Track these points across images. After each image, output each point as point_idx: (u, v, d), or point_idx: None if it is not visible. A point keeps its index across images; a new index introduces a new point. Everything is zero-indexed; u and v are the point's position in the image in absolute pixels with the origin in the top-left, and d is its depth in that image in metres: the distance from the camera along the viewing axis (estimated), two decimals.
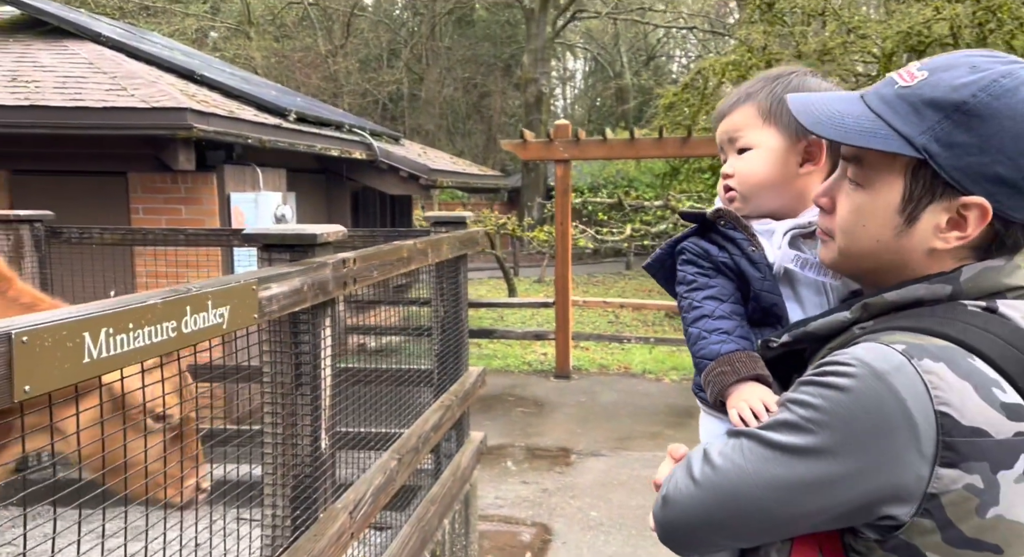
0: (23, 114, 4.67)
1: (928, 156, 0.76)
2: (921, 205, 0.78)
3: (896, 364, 0.72)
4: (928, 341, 0.74)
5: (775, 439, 0.76)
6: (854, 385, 0.72)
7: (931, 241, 0.79)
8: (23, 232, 3.37)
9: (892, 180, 0.79)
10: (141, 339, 1.11)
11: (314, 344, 1.92)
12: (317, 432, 1.94)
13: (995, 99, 0.74)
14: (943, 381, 0.71)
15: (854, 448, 0.72)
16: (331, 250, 2.04)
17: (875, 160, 0.80)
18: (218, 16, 22.78)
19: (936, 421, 0.70)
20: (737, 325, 1.05)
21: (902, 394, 0.71)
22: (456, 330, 3.51)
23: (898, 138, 0.77)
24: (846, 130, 0.80)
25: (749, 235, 1.10)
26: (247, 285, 1.47)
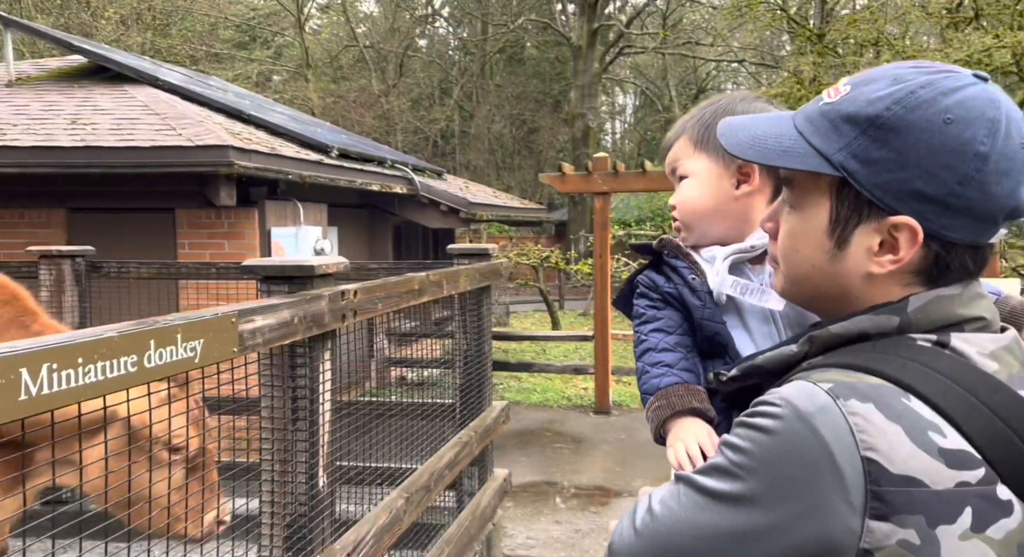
0: (79, 154, 4.92)
1: (847, 174, 0.72)
2: (849, 226, 0.73)
3: (821, 405, 0.66)
4: (860, 379, 0.67)
5: (706, 485, 0.70)
6: (778, 427, 0.66)
7: (866, 265, 0.73)
8: (64, 267, 3.50)
9: (819, 201, 0.75)
10: (93, 374, 1.08)
11: (311, 378, 1.88)
12: (314, 469, 1.89)
13: (910, 111, 0.69)
14: (869, 423, 0.64)
15: (780, 496, 0.66)
16: (332, 282, 2.02)
17: (803, 181, 0.76)
18: (279, 60, 23.91)
19: (863, 468, 0.63)
20: (680, 357, 1.02)
21: (825, 437, 0.64)
22: (479, 363, 3.43)
23: (816, 156, 0.73)
24: (766, 151, 0.76)
25: (691, 263, 1.07)
26: (225, 317, 1.44)
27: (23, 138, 5.09)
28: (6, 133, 5.20)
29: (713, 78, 27.35)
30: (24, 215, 5.63)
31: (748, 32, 14.33)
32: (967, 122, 0.68)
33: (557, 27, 22.60)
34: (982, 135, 0.68)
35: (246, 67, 21.36)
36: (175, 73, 7.96)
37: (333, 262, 2.00)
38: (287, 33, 23.37)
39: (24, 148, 4.95)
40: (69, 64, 7.09)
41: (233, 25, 22.64)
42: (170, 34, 18.69)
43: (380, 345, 5.53)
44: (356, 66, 23.97)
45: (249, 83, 19.59)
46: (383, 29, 23.91)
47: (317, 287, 1.92)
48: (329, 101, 21.78)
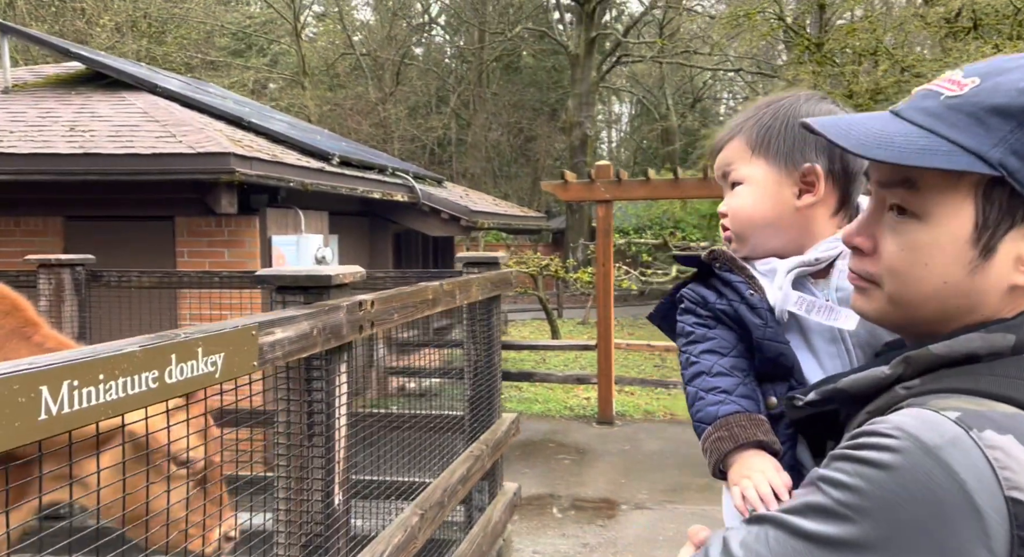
0: (77, 162, 4.84)
1: (1006, 172, 0.64)
2: (999, 233, 0.66)
3: (951, 437, 0.58)
4: (991, 407, 0.60)
5: (805, 528, 0.61)
6: (898, 462, 0.58)
7: (1012, 276, 0.66)
8: (64, 276, 3.42)
9: (959, 205, 0.67)
10: (114, 391, 1.02)
11: (328, 392, 1.82)
12: (330, 486, 1.82)
13: None
14: (1012, 459, 0.57)
15: (903, 543, 0.57)
16: (348, 292, 1.96)
17: (934, 183, 0.67)
18: (275, 68, 23.87)
19: (1008, 510, 0.56)
20: (738, 383, 0.92)
21: (961, 475, 0.57)
22: (489, 374, 3.37)
23: (965, 154, 0.65)
24: (899, 150, 0.67)
25: (747, 277, 0.98)
26: (245, 330, 1.38)
27: (20, 145, 5.01)
28: (3, 140, 5.12)
29: (710, 87, 27.47)
30: (20, 223, 5.55)
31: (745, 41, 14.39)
32: None
33: (554, 36, 22.67)
34: None
35: (242, 75, 21.32)
36: (173, 80, 7.90)
37: (349, 271, 1.95)
38: (283, 41, 23.36)
39: (21, 155, 4.87)
40: (66, 71, 7.02)
41: (229, 33, 22.61)
42: (166, 41, 18.64)
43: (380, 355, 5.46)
44: (353, 74, 23.95)
45: (245, 91, 19.55)
46: (380, 37, 23.93)
47: (333, 297, 1.86)
48: (326, 109, 21.74)
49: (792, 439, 0.89)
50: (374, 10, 26.00)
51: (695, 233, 15.21)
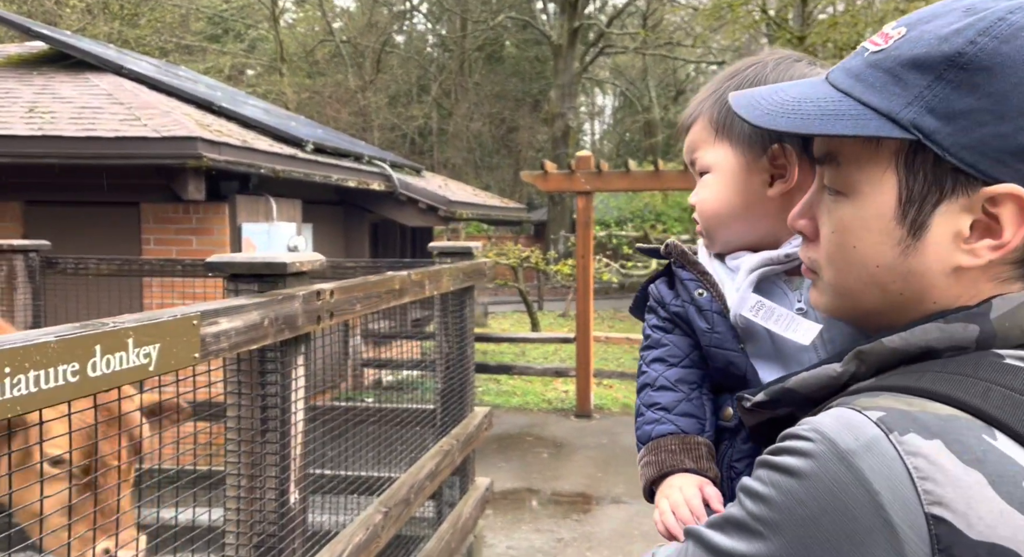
0: (36, 144, 4.66)
1: (922, 135, 0.54)
2: (927, 206, 0.56)
3: (867, 440, 0.49)
4: (923, 408, 0.50)
5: (719, 544, 0.54)
6: (809, 469, 0.50)
7: (954, 257, 0.56)
8: (16, 262, 3.28)
9: (881, 178, 0.57)
10: (23, 386, 0.92)
11: (283, 385, 1.73)
12: (285, 484, 1.74)
13: (1004, 42, 0.53)
14: (937, 468, 0.48)
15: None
16: (307, 281, 1.86)
17: (855, 154, 0.59)
18: (253, 54, 23.44)
19: (928, 531, 0.47)
20: (680, 399, 0.83)
21: (874, 485, 0.48)
22: (461, 367, 3.29)
23: (876, 117, 0.56)
24: (802, 117, 0.58)
25: (699, 274, 0.88)
26: (186, 320, 1.28)
27: None
28: None
29: (693, 80, 27.48)
30: None
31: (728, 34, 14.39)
32: None
33: (537, 25, 22.52)
34: None
35: (219, 60, 20.91)
36: (142, 62, 7.67)
37: (308, 259, 1.85)
38: (261, 26, 22.94)
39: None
40: (28, 50, 6.78)
41: (205, 17, 22.14)
42: (139, 24, 18.19)
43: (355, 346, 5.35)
44: (332, 61, 23.60)
45: (221, 76, 19.14)
46: (360, 24, 23.60)
47: (290, 286, 1.76)
48: (304, 96, 21.41)
49: (752, 454, 0.78)
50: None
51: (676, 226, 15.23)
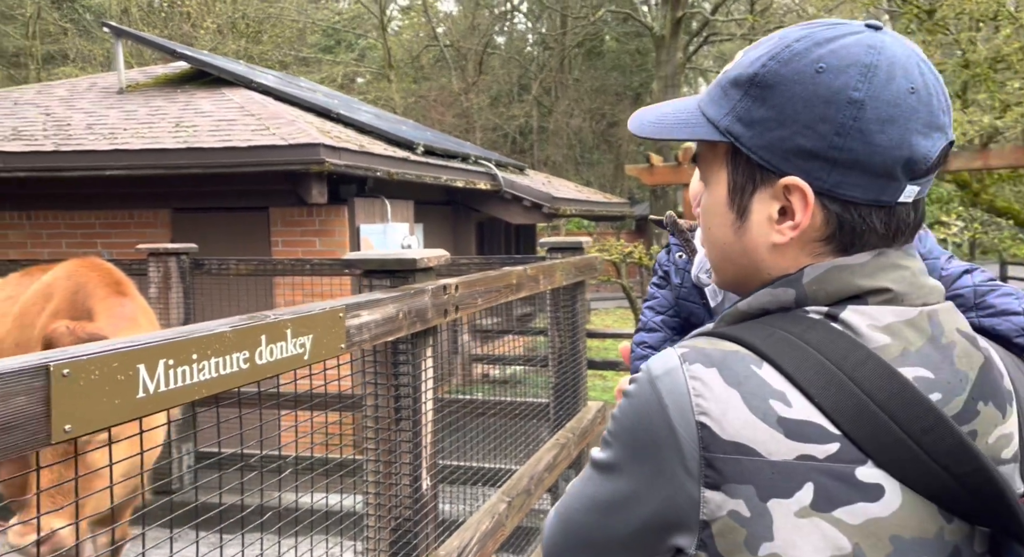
0: (182, 156, 5.12)
1: (733, 138, 0.70)
2: (747, 195, 0.71)
3: (668, 368, 0.64)
4: (715, 345, 0.65)
5: (592, 457, 0.71)
6: (634, 391, 0.66)
7: (769, 235, 0.70)
8: (171, 264, 3.61)
9: (719, 172, 0.73)
10: (207, 371, 1.03)
11: (414, 375, 1.81)
12: (418, 471, 1.82)
13: (783, 65, 0.67)
14: (707, 387, 0.62)
15: (632, 462, 0.65)
16: (433, 276, 1.94)
17: (705, 154, 0.75)
18: (363, 62, 24.55)
19: (697, 433, 0.61)
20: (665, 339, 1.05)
21: (665, 400, 0.63)
22: (574, 362, 3.31)
23: (707, 125, 0.72)
24: (663, 126, 0.75)
25: (684, 240, 1.11)
26: (333, 312, 1.37)
27: (133, 141, 5.35)
28: (117, 137, 5.49)
29: None
30: (133, 215, 5.94)
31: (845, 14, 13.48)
32: (839, 69, 0.65)
33: (638, 18, 22.11)
34: (855, 81, 0.64)
35: (332, 69, 22.04)
36: (267, 76, 8.23)
37: (434, 255, 1.93)
38: (370, 35, 23.95)
39: (134, 151, 5.20)
40: (173, 70, 7.45)
41: (320, 30, 23.41)
42: (262, 41, 19.52)
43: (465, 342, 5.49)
44: (436, 65, 24.28)
45: (334, 85, 20.20)
46: (462, 27, 24.11)
47: (419, 281, 1.84)
48: (411, 101, 22.17)
49: None
50: (457, 0, 26.21)
51: None
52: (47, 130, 5.77)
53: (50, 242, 6.00)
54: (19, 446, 0.75)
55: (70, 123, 5.91)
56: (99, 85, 7.17)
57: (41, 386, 0.78)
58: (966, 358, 0.65)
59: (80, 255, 4.34)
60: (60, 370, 0.80)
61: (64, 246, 5.91)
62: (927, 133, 0.65)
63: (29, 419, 0.77)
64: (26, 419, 0.76)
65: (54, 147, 5.34)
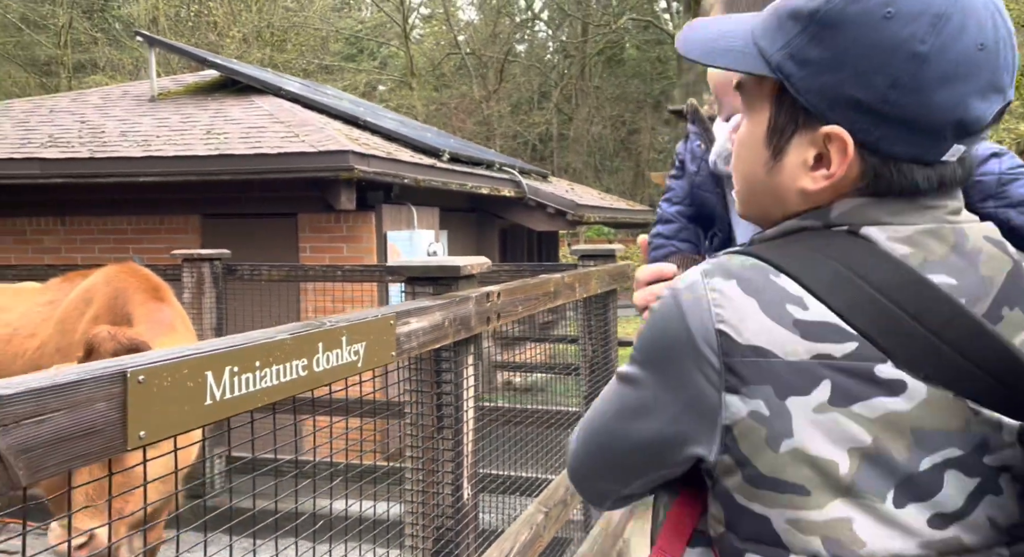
0: (213, 162, 5.18)
1: (782, 76, 0.66)
2: (785, 136, 0.68)
3: (690, 282, 0.66)
4: (736, 260, 0.67)
5: (619, 371, 0.73)
6: (659, 306, 0.68)
7: (800, 180, 0.68)
8: (204, 269, 3.65)
9: (762, 108, 0.70)
10: (269, 378, 1.02)
11: (456, 383, 1.80)
12: (459, 480, 1.81)
13: (850, 3, 0.63)
14: (725, 297, 0.64)
15: (655, 372, 0.68)
16: (475, 283, 1.93)
17: (751, 85, 0.71)
18: (385, 70, 24.76)
19: (716, 340, 0.63)
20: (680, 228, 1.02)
21: (686, 312, 0.65)
22: (605, 371, 3.28)
23: (757, 56, 0.68)
24: (710, 50, 0.71)
25: (703, 129, 1.05)
26: (385, 319, 1.36)
27: (165, 148, 5.43)
28: (151, 144, 5.57)
29: None
30: (164, 221, 6.02)
31: None
32: (909, 17, 0.61)
33: (660, 25, 22.08)
34: (923, 32, 0.60)
35: (354, 77, 22.25)
36: (295, 83, 8.32)
37: (477, 262, 1.92)
38: (392, 43, 24.16)
39: (166, 158, 5.28)
40: (203, 78, 7.56)
41: (343, 38, 23.65)
42: (286, 49, 19.77)
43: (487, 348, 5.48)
44: (458, 73, 24.41)
45: (356, 93, 20.39)
46: (484, 36, 24.23)
47: (461, 288, 1.83)
48: (432, 108, 22.30)
49: None
50: (479, 9, 26.37)
51: None
52: (82, 137, 5.87)
53: (84, 247, 6.09)
54: (97, 453, 0.75)
55: (104, 130, 6.01)
56: (132, 93, 7.29)
57: (119, 392, 0.78)
58: (992, 263, 0.64)
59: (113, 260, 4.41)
60: (136, 376, 0.80)
61: (97, 251, 6.00)
62: (985, 95, 0.62)
63: (108, 425, 0.76)
64: (105, 425, 0.76)
65: (89, 154, 5.43)
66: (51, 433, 0.69)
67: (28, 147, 5.68)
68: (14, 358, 2.45)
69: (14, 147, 5.72)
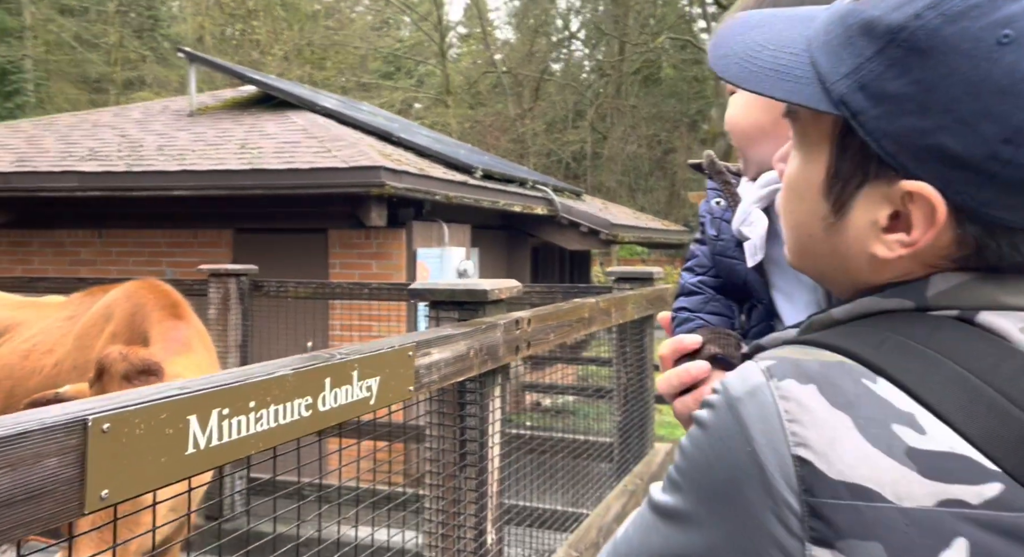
0: (246, 177, 5.18)
1: (848, 113, 0.50)
2: (850, 188, 0.52)
3: (751, 388, 0.49)
4: (810, 355, 0.50)
5: (655, 499, 0.54)
6: (710, 420, 0.51)
7: (870, 244, 0.52)
8: (230, 285, 3.59)
9: (819, 146, 0.54)
10: (265, 421, 0.90)
11: (482, 418, 1.66)
12: (483, 523, 1.66)
13: (949, 22, 0.46)
14: (804, 409, 0.47)
15: (707, 510, 0.50)
16: (504, 308, 1.80)
17: (805, 116, 0.54)
18: (421, 88, 25.05)
19: (794, 470, 0.46)
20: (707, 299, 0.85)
21: (750, 430, 0.48)
22: (640, 400, 3.11)
23: (814, 82, 0.51)
24: (751, 67, 0.54)
25: (722, 184, 0.88)
26: (403, 351, 1.24)
27: (200, 162, 5.45)
28: (186, 158, 5.60)
29: None
30: (196, 235, 6.04)
31: None
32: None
33: (699, 44, 21.93)
34: None
35: (391, 95, 22.53)
36: (330, 99, 8.37)
37: (506, 286, 1.78)
38: (429, 62, 24.45)
39: (201, 172, 5.29)
40: (241, 94, 7.65)
41: (381, 56, 24.02)
42: (326, 67, 20.12)
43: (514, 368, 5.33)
44: (493, 92, 24.57)
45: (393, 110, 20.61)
46: (520, 55, 24.38)
47: (489, 314, 1.70)
48: (466, 126, 22.43)
49: None
50: (515, 28, 26.58)
51: None
52: (121, 151, 5.94)
53: (119, 259, 6.15)
54: (45, 519, 0.63)
55: (143, 144, 6.08)
56: (171, 108, 7.41)
57: (76, 444, 0.66)
58: None
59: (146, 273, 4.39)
60: (99, 424, 0.68)
61: (131, 264, 6.04)
62: None
63: (60, 484, 0.64)
64: (56, 485, 0.64)
65: (127, 167, 5.48)
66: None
67: (68, 160, 5.77)
68: (31, 374, 2.39)
69: (55, 160, 5.81)
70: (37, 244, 6.29)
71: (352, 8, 23.93)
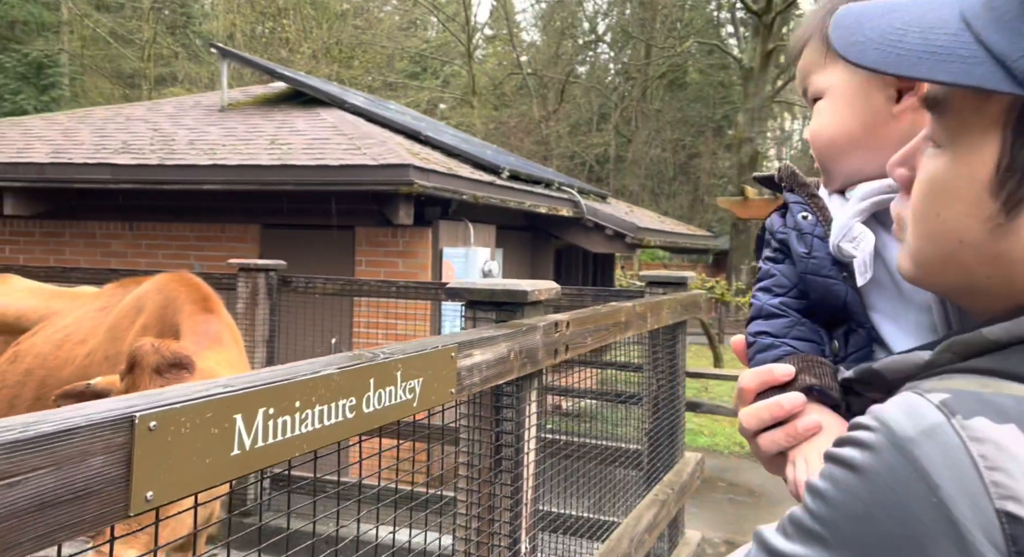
0: (275, 173, 5.19)
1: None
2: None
3: (927, 426, 0.42)
4: (1000, 389, 0.43)
5: (777, 546, 0.46)
6: (867, 463, 0.43)
7: None
8: (259, 279, 3.58)
9: (982, 137, 0.47)
10: (310, 422, 0.86)
11: (518, 422, 1.61)
12: (517, 532, 1.61)
13: None
14: (1008, 457, 0.39)
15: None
16: (542, 310, 1.75)
17: (961, 103, 0.48)
18: (447, 89, 25.12)
19: (1002, 529, 0.39)
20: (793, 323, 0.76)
21: (934, 478, 0.40)
22: (671, 408, 3.04)
23: (989, 61, 0.45)
24: (900, 51, 0.48)
25: (807, 196, 0.80)
26: (445, 352, 1.19)
27: (230, 157, 5.48)
28: (216, 153, 5.63)
29: None
30: (225, 229, 6.07)
31: None
32: None
33: (726, 49, 21.74)
34: None
35: (417, 95, 22.62)
36: (359, 97, 8.39)
37: (545, 288, 1.73)
38: (456, 62, 24.50)
39: (231, 166, 5.31)
40: (271, 90, 7.69)
41: (408, 56, 24.12)
42: (353, 66, 20.25)
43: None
44: (518, 93, 24.56)
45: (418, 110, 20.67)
46: (546, 56, 24.35)
47: (528, 316, 1.65)
48: (491, 127, 22.44)
49: None
50: (542, 31, 26.54)
51: None
52: (153, 144, 5.99)
53: (148, 252, 6.20)
54: (90, 522, 0.59)
55: (175, 138, 6.13)
56: (203, 103, 7.47)
57: (123, 442, 0.62)
58: None
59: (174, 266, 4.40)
60: (146, 422, 0.64)
61: (160, 257, 6.09)
62: None
63: (106, 484, 0.61)
64: (102, 485, 0.60)
65: (159, 161, 5.52)
66: (29, 498, 0.54)
67: (102, 153, 5.83)
68: (63, 364, 2.39)
69: (90, 152, 5.87)
70: (69, 235, 6.37)
71: (380, 8, 24.06)
